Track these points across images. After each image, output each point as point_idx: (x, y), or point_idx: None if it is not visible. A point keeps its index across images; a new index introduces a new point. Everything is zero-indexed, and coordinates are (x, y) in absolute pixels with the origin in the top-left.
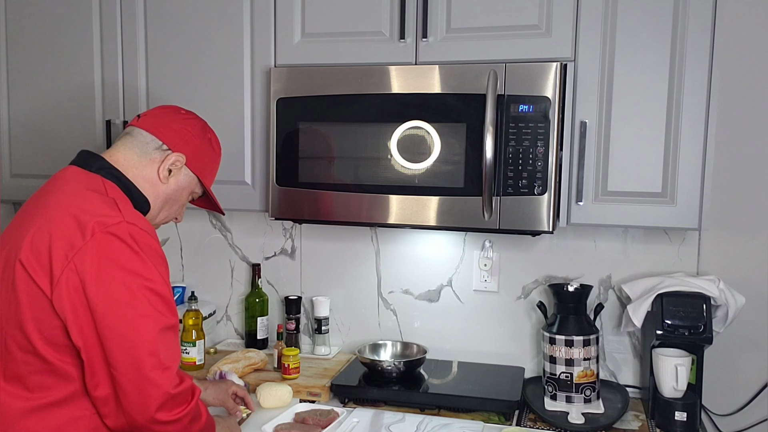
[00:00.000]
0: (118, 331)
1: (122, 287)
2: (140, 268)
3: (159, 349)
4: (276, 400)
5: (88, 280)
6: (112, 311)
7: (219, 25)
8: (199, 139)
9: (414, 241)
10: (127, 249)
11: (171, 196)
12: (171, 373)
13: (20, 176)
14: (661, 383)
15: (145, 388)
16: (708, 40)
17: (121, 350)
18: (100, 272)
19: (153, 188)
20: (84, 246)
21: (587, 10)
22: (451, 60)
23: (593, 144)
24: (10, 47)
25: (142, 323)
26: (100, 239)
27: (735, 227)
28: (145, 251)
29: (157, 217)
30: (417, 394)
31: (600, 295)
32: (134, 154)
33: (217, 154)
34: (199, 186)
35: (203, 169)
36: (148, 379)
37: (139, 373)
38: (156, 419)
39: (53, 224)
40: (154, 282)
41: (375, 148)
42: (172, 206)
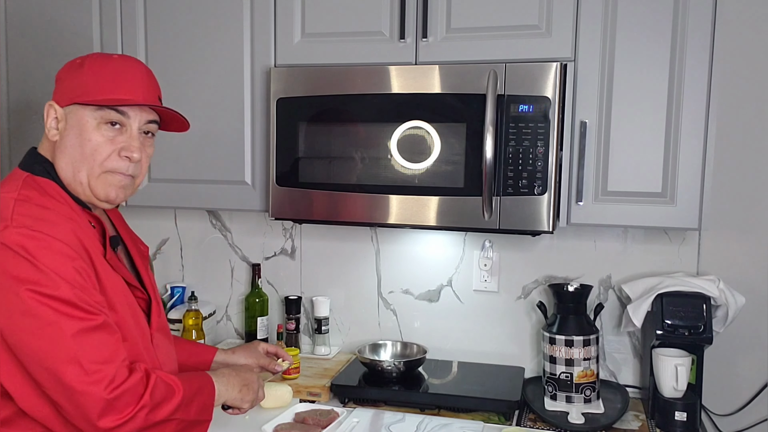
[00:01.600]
0: (29, 347)
1: (18, 299)
2: (34, 274)
3: (79, 354)
4: (276, 400)
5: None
6: (16, 327)
7: (219, 25)
8: (66, 74)
9: (414, 241)
10: (16, 257)
11: (71, 145)
12: (101, 376)
13: None
14: (661, 383)
15: (76, 400)
16: (708, 40)
17: (38, 366)
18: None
19: (59, 154)
20: None
21: (587, 10)
22: (451, 60)
23: (593, 144)
24: (10, 49)
25: (51, 333)
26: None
27: (735, 227)
28: (39, 254)
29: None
30: (417, 394)
31: (600, 295)
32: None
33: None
34: (92, 109)
35: (74, 91)
36: (75, 391)
37: (64, 386)
38: (101, 428)
39: None
40: (55, 287)
41: (375, 148)
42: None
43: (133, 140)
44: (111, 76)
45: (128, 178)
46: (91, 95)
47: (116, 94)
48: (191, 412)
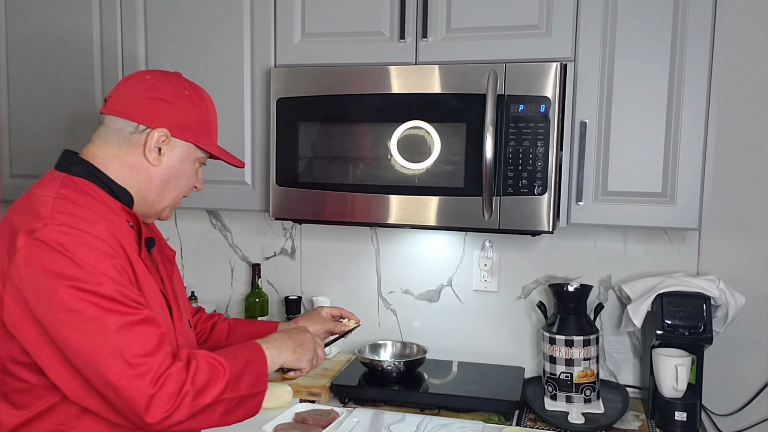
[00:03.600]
0: (72, 344)
1: (59, 296)
2: (75, 271)
3: (123, 349)
4: (276, 400)
5: (28, 295)
6: (58, 323)
7: (219, 25)
8: (177, 102)
9: (414, 241)
10: (57, 254)
11: (170, 175)
12: (145, 369)
13: (20, 176)
14: (661, 383)
15: (121, 395)
16: (708, 40)
17: (83, 362)
18: (37, 285)
19: (145, 174)
20: (16, 258)
21: (587, 10)
22: (451, 60)
23: (593, 144)
24: (10, 50)
25: (93, 329)
26: (29, 249)
27: (735, 227)
28: (79, 251)
29: (164, 200)
30: (417, 394)
31: (600, 295)
32: (112, 144)
33: (203, 107)
34: (199, 151)
35: (195, 132)
36: (120, 386)
37: (108, 382)
38: (148, 422)
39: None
40: (96, 283)
41: (375, 148)
42: (177, 183)
43: (201, 175)
44: (214, 123)
45: None
46: (208, 143)
47: (215, 141)
48: (242, 388)
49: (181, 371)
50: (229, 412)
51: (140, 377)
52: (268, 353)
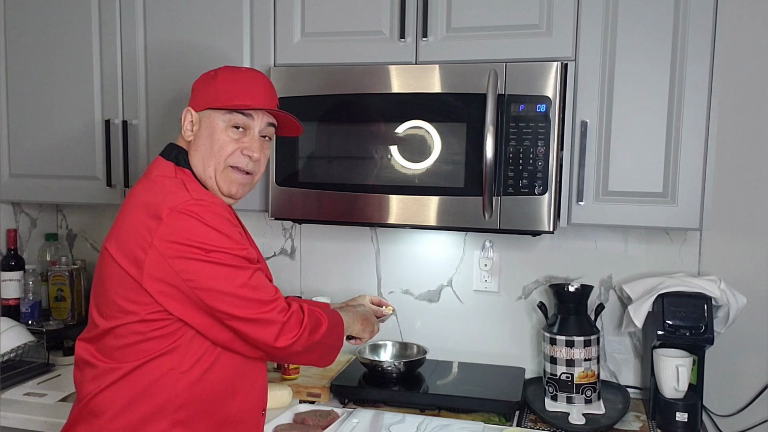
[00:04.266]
0: (213, 293)
1: (204, 257)
2: (213, 237)
3: (253, 293)
4: (276, 400)
5: (172, 256)
6: (202, 277)
7: (219, 25)
8: (200, 83)
9: (414, 241)
10: (198, 222)
11: (202, 143)
12: (275, 305)
13: (19, 176)
14: (662, 384)
15: (258, 327)
16: (709, 40)
17: (224, 306)
18: (180, 248)
19: (190, 149)
20: (159, 227)
21: (588, 10)
22: (451, 59)
23: (594, 144)
24: (10, 50)
25: (231, 278)
26: (173, 218)
27: (736, 227)
28: (216, 221)
29: (208, 168)
30: (417, 395)
31: (601, 295)
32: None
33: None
34: (222, 113)
35: (208, 97)
36: (257, 320)
37: (244, 319)
38: (278, 347)
39: (131, 213)
40: (227, 246)
41: (375, 148)
42: (212, 150)
43: (254, 141)
44: (239, 85)
45: (247, 176)
46: (221, 101)
47: (243, 100)
48: (332, 337)
49: (299, 310)
50: (323, 355)
51: (272, 311)
52: (345, 320)
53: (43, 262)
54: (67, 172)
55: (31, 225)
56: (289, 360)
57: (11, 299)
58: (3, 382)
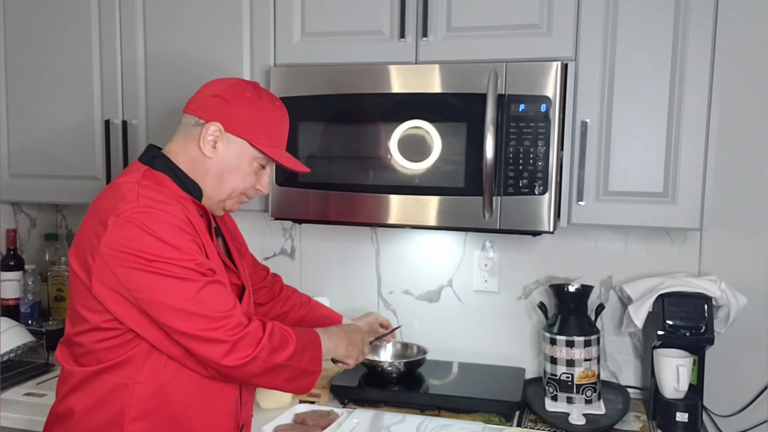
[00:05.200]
0: (157, 306)
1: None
2: (156, 246)
3: (199, 307)
4: (276, 401)
5: (115, 265)
6: (144, 290)
7: (219, 24)
8: (235, 100)
9: (414, 241)
10: (140, 231)
11: (225, 168)
12: (226, 322)
13: (18, 176)
14: (662, 384)
15: (204, 346)
16: (709, 39)
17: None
18: (123, 257)
19: (201, 165)
20: (105, 234)
21: (588, 9)
22: (451, 59)
23: (594, 144)
24: (9, 50)
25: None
26: (118, 226)
27: (737, 227)
28: (160, 230)
29: (222, 192)
30: (417, 395)
31: (601, 295)
32: (180, 138)
33: (265, 110)
34: (255, 151)
35: (250, 130)
36: (203, 339)
37: (191, 336)
38: (226, 366)
39: (87, 218)
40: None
41: (375, 148)
42: (233, 177)
43: (267, 177)
44: (278, 128)
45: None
46: (265, 144)
47: (279, 146)
48: (303, 361)
49: (258, 328)
50: (290, 380)
51: (220, 329)
52: (325, 343)
53: (43, 262)
54: (67, 172)
55: (30, 225)
56: (248, 382)
57: (11, 299)
58: (3, 382)
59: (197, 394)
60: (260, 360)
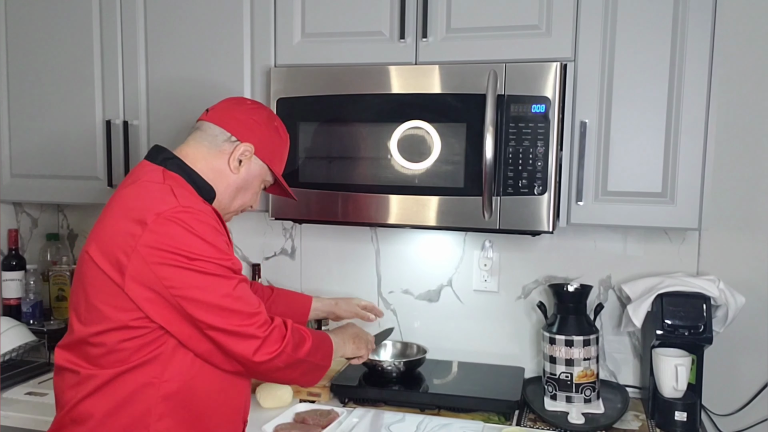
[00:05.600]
0: (194, 302)
1: (187, 265)
2: (198, 246)
3: (235, 303)
4: (276, 400)
5: (155, 263)
6: (184, 285)
7: (219, 25)
8: (266, 128)
9: (414, 241)
10: (184, 231)
11: (243, 185)
12: (257, 319)
13: (20, 176)
14: (661, 383)
15: (238, 340)
16: (708, 40)
17: (204, 316)
18: (164, 255)
19: (224, 179)
20: (144, 233)
21: (587, 10)
22: (451, 60)
23: (593, 144)
24: (11, 51)
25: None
26: (159, 225)
27: (735, 227)
28: (201, 230)
29: (232, 205)
30: (417, 394)
31: (600, 295)
32: (204, 147)
33: (285, 141)
34: (269, 174)
35: (272, 157)
36: (237, 333)
37: (225, 331)
38: (256, 362)
39: (115, 218)
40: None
41: (375, 148)
42: (245, 194)
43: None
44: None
45: None
46: (279, 170)
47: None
48: (318, 356)
49: (281, 325)
50: (305, 374)
51: (253, 325)
52: (334, 340)
53: (44, 261)
54: (69, 173)
55: (32, 225)
56: (270, 376)
57: (12, 299)
58: (4, 382)
59: (219, 390)
60: (285, 355)
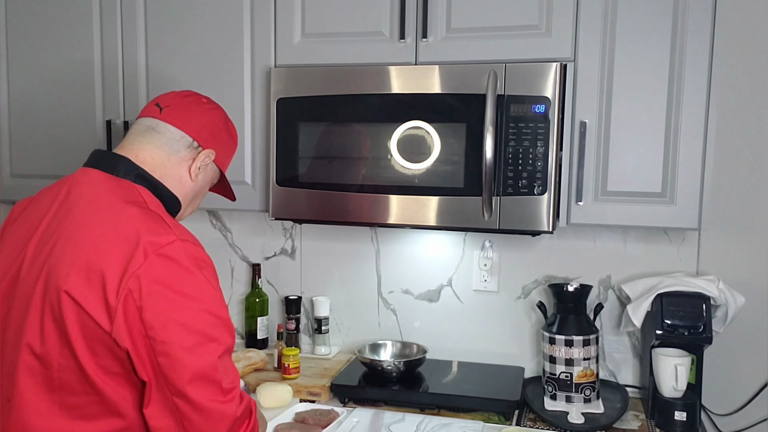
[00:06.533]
0: (180, 361)
1: (182, 314)
2: (198, 291)
3: (221, 375)
4: (276, 399)
5: (146, 308)
6: (171, 341)
7: (219, 25)
8: (225, 132)
9: (414, 241)
10: (184, 271)
11: (198, 192)
12: (234, 395)
13: (20, 176)
14: (660, 383)
15: (210, 416)
16: (708, 40)
17: (184, 380)
18: (158, 299)
19: (182, 187)
20: (137, 271)
21: (587, 10)
22: (451, 60)
23: (593, 144)
24: (11, 50)
25: (204, 351)
26: (153, 263)
27: (735, 227)
28: (202, 270)
29: (185, 212)
30: (417, 394)
31: (600, 294)
32: (162, 152)
33: (235, 143)
34: (218, 177)
35: (225, 161)
36: (212, 410)
37: (198, 404)
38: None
39: (101, 250)
40: (213, 303)
41: (375, 148)
42: (196, 201)
43: None
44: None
45: None
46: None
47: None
48: None
49: (248, 407)
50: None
51: (230, 402)
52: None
53: None
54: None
55: None
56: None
57: None
58: None
59: None
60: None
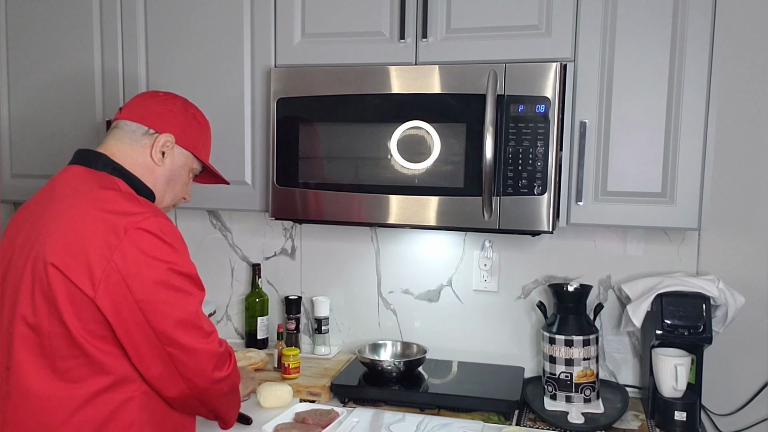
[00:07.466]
0: (166, 316)
1: (162, 277)
2: (173, 256)
3: (201, 321)
4: (276, 399)
5: (130, 275)
6: (157, 300)
7: (219, 25)
8: (183, 116)
9: (414, 241)
10: (160, 241)
11: (171, 177)
12: (214, 337)
13: (20, 176)
14: (660, 383)
15: (199, 357)
16: (708, 40)
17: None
18: (140, 267)
19: (151, 173)
20: (119, 244)
21: (587, 11)
22: (451, 60)
23: (593, 144)
24: (11, 50)
25: (184, 303)
26: (133, 236)
27: (735, 227)
28: (174, 239)
29: (164, 200)
30: (417, 394)
31: (600, 295)
32: (125, 144)
33: (204, 126)
34: (196, 161)
35: (195, 144)
36: (199, 350)
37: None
38: (214, 379)
39: (83, 227)
40: (185, 266)
41: (375, 148)
42: (175, 186)
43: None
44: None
45: None
46: (205, 156)
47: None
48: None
49: (227, 348)
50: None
51: (213, 342)
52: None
53: None
54: None
55: None
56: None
57: None
58: None
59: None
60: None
